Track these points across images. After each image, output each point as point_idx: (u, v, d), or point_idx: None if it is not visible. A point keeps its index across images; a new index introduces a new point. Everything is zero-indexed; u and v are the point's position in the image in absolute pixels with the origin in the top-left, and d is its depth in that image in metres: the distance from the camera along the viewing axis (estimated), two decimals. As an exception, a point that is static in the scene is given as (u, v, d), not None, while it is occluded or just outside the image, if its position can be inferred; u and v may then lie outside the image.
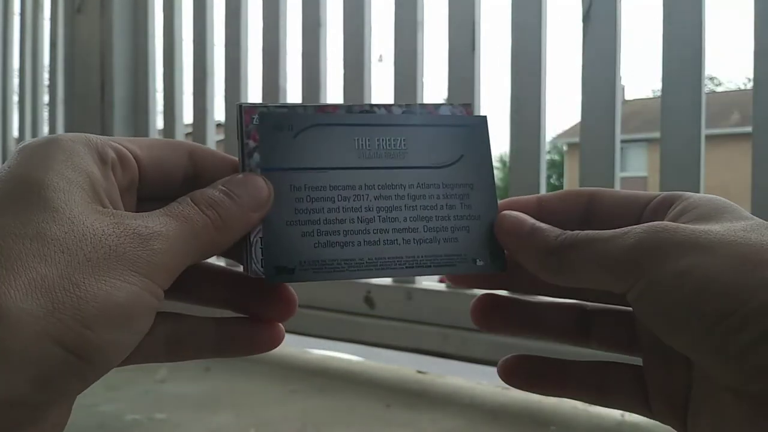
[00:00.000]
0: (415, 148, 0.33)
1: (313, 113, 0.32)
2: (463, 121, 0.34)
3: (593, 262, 0.29)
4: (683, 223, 0.28)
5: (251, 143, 0.31)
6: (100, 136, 0.29)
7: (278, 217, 0.31)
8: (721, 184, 11.86)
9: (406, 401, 0.93)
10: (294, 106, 0.32)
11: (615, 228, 0.29)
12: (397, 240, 0.32)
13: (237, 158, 0.32)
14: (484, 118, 0.35)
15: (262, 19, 1.32)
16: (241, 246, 0.31)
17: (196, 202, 0.28)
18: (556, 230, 0.31)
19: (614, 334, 0.34)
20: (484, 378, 1.02)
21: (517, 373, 0.35)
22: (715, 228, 0.27)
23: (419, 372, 1.06)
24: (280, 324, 0.34)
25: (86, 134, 0.29)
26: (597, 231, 0.29)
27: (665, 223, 0.28)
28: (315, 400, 0.93)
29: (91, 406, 0.88)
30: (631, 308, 0.33)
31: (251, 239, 0.30)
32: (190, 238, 0.27)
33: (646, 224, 0.28)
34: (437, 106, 0.35)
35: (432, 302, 1.04)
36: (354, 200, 0.32)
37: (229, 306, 0.34)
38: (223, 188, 0.29)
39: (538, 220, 0.32)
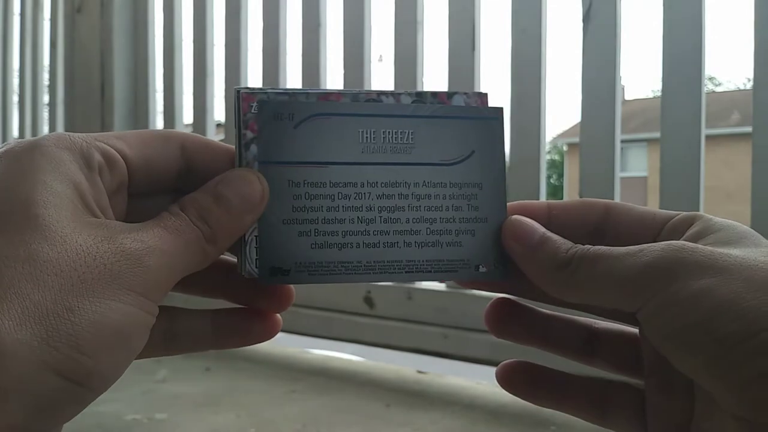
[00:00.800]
0: (423, 143, 0.31)
1: (316, 101, 0.30)
2: (476, 113, 0.32)
3: (604, 280, 0.28)
4: (702, 245, 0.27)
5: (249, 134, 0.29)
6: (85, 136, 0.28)
7: (275, 215, 0.29)
8: (721, 184, 11.86)
9: (406, 401, 0.93)
10: (295, 93, 0.30)
11: (630, 245, 0.28)
12: (397, 243, 0.30)
13: (233, 148, 0.30)
14: (500, 110, 0.32)
15: (262, 19, 1.32)
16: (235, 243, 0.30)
17: (186, 212, 0.28)
18: (568, 243, 0.30)
19: (619, 355, 0.34)
20: (484, 378, 1.02)
21: (515, 379, 0.34)
22: (734, 252, 0.26)
23: (419, 372, 1.06)
24: (277, 314, 0.33)
25: (69, 135, 0.28)
26: (610, 247, 0.28)
27: (683, 242, 0.27)
28: (315, 400, 0.93)
29: (90, 406, 0.88)
30: (637, 330, 0.33)
31: (246, 238, 0.29)
32: (183, 250, 0.27)
33: (664, 242, 0.27)
34: (450, 95, 0.32)
35: (432, 302, 1.04)
36: (355, 198, 0.30)
37: (225, 296, 0.34)
38: (215, 191, 0.28)
39: (546, 229, 0.31)
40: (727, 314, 0.25)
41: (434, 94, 0.32)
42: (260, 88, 0.30)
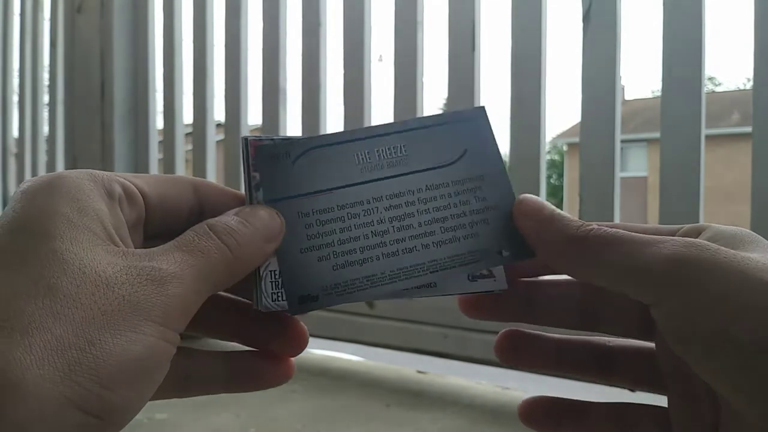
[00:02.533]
0: (416, 152, 0.32)
1: (306, 138, 0.32)
2: (460, 116, 0.33)
3: (622, 262, 0.27)
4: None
5: (258, 176, 0.31)
6: (106, 172, 0.28)
7: (291, 247, 0.30)
8: (721, 184, 11.86)
9: (406, 401, 0.93)
10: (299, 139, 0.32)
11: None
12: (415, 247, 0.31)
13: (242, 192, 0.31)
14: (482, 108, 0.34)
15: (262, 19, 1.32)
16: (248, 280, 0.30)
17: (213, 229, 0.28)
18: (577, 220, 0.30)
19: (637, 370, 0.33)
20: (484, 378, 1.02)
21: (538, 416, 0.34)
22: (755, 256, 0.26)
23: (419, 372, 1.06)
24: (291, 359, 0.33)
25: (91, 170, 0.28)
26: (628, 232, 0.28)
27: (705, 241, 0.26)
28: (315, 400, 0.93)
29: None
30: (652, 344, 0.32)
31: (261, 273, 0.30)
32: (205, 273, 0.27)
33: (685, 239, 0.27)
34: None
35: (432, 302, 1.04)
36: (364, 215, 0.31)
37: (239, 339, 0.33)
38: (238, 218, 0.29)
39: None
40: (749, 320, 0.24)
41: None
42: (266, 136, 0.31)
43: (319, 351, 1.20)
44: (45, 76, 1.82)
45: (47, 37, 1.76)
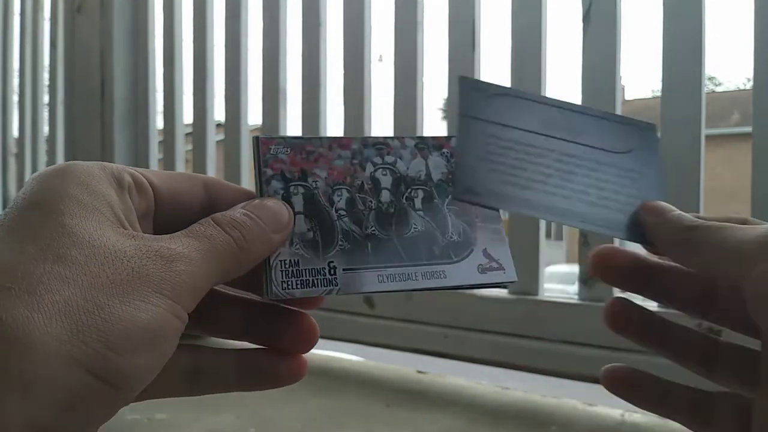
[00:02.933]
0: (589, 132, 0.37)
1: (329, 144, 0.34)
2: (633, 122, 0.38)
3: (721, 243, 0.30)
4: None
5: (269, 171, 0.32)
6: (116, 164, 0.29)
7: (471, 153, 0.35)
8: (721, 184, 11.86)
9: (406, 401, 0.93)
10: (310, 139, 0.34)
11: None
12: (572, 197, 0.35)
13: (253, 190, 0.33)
14: (653, 125, 0.39)
15: (262, 19, 1.32)
16: (258, 273, 0.30)
17: (218, 222, 0.28)
18: (693, 218, 0.33)
19: (739, 370, 0.34)
20: (484, 378, 1.02)
21: (619, 381, 0.35)
22: None
23: (419, 372, 1.06)
24: (304, 356, 0.33)
25: (102, 162, 0.29)
26: (726, 224, 0.31)
27: None
28: (315, 400, 0.93)
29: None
30: (759, 343, 0.32)
31: (271, 262, 0.30)
32: (213, 258, 0.27)
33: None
34: (448, 138, 0.37)
35: (432, 302, 1.04)
36: (536, 156, 0.35)
37: (250, 337, 0.33)
38: (244, 210, 0.29)
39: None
40: None
41: (434, 138, 0.37)
42: (278, 136, 0.34)
43: (319, 351, 1.20)
44: (45, 76, 1.82)
45: (47, 37, 1.76)
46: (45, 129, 1.83)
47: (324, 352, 1.19)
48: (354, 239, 0.32)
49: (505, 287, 0.35)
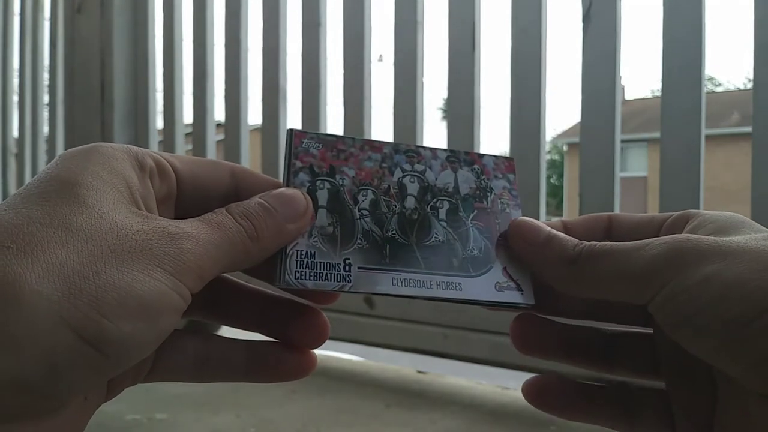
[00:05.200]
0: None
1: (361, 145, 0.34)
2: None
3: (613, 273, 0.29)
4: (703, 235, 0.28)
5: (298, 163, 0.33)
6: (140, 148, 0.29)
7: None
8: (721, 184, 11.86)
9: (406, 401, 0.93)
10: (343, 137, 0.34)
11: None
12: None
13: (280, 180, 0.33)
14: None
15: (262, 19, 1.32)
16: (273, 261, 0.30)
17: (230, 212, 0.28)
18: (573, 240, 0.31)
19: (637, 359, 0.34)
20: (484, 378, 1.02)
21: (543, 395, 0.34)
22: (736, 238, 0.27)
23: (419, 372, 1.06)
24: (313, 351, 0.33)
25: (127, 145, 0.29)
26: (616, 243, 0.29)
27: (686, 234, 0.28)
28: (315, 400, 0.93)
29: (91, 406, 0.88)
30: (650, 330, 0.33)
31: (287, 251, 0.30)
32: (222, 243, 0.27)
33: (667, 236, 0.28)
34: (481, 155, 0.36)
35: (432, 303, 1.04)
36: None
37: (261, 329, 0.34)
38: (260, 200, 0.29)
39: None
40: (733, 296, 0.25)
41: (467, 153, 0.36)
42: (312, 131, 0.34)
43: (318, 351, 1.19)
44: (45, 76, 1.82)
45: (47, 37, 1.76)
46: (45, 129, 1.83)
47: (324, 352, 1.19)
48: (373, 240, 0.32)
49: (520, 310, 0.33)
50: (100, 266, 0.23)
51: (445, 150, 0.36)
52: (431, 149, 0.35)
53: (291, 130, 0.33)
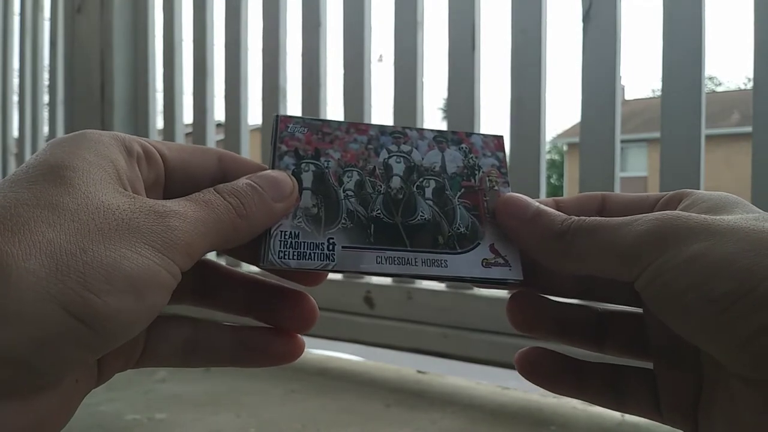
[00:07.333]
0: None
1: (347, 128, 0.35)
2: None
3: (601, 248, 0.28)
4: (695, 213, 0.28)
5: (283, 147, 0.33)
6: (128, 135, 0.30)
7: None
8: (721, 184, 11.86)
9: (406, 401, 0.93)
10: (328, 121, 0.35)
11: None
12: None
13: (266, 165, 0.33)
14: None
15: (262, 19, 1.32)
16: (257, 243, 0.31)
17: (218, 191, 0.29)
18: (561, 215, 0.31)
19: (627, 338, 0.34)
20: (484, 378, 1.02)
21: (534, 367, 0.34)
22: (726, 217, 0.27)
23: (419, 372, 1.06)
24: (300, 336, 0.33)
25: (114, 132, 0.29)
26: (605, 218, 0.29)
27: (676, 212, 0.28)
28: (315, 400, 0.93)
29: (91, 406, 0.88)
30: (641, 310, 0.33)
31: (272, 231, 0.31)
32: (209, 221, 0.27)
33: (657, 213, 0.28)
34: (469, 134, 0.36)
35: (432, 302, 1.04)
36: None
37: (252, 314, 0.34)
38: (247, 180, 0.30)
39: None
40: (720, 275, 0.25)
41: (454, 132, 0.36)
42: (297, 116, 0.35)
43: (318, 351, 1.20)
44: (45, 76, 1.82)
45: (47, 37, 1.76)
46: (45, 129, 1.83)
47: (324, 352, 1.19)
48: (358, 220, 0.32)
49: (508, 287, 0.32)
50: (87, 244, 0.24)
51: (432, 130, 0.36)
52: (418, 130, 0.36)
53: (277, 115, 0.34)
